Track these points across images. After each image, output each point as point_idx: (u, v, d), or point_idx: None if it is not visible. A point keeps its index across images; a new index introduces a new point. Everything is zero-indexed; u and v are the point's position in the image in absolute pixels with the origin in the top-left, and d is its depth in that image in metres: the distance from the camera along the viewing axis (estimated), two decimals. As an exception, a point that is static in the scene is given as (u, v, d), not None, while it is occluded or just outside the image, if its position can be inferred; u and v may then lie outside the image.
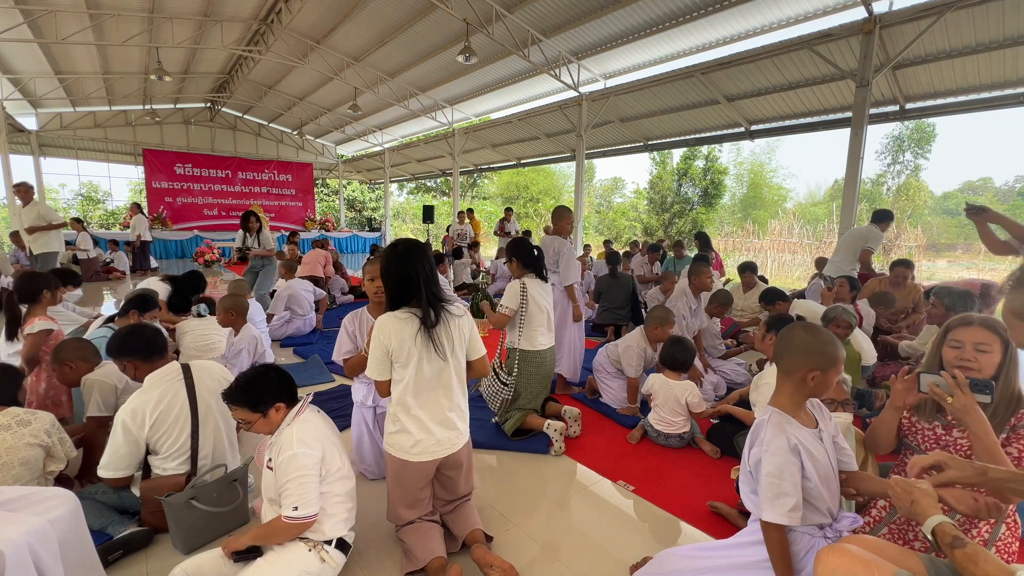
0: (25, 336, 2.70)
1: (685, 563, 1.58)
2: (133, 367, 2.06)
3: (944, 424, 1.63)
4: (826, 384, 1.42)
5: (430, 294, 1.74)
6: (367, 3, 8.48)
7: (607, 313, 5.52)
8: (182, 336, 3.52)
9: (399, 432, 1.78)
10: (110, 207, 20.94)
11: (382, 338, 1.71)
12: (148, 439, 1.94)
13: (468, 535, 1.89)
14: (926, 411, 1.69)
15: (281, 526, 1.57)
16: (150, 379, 2.00)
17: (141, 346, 2.05)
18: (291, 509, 1.54)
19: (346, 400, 3.55)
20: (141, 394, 1.95)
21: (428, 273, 1.75)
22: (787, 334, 1.49)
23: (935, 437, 1.65)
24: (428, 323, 1.72)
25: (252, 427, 1.66)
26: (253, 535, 1.62)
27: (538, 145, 13.15)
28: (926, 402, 1.67)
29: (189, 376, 2.07)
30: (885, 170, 21.92)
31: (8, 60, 10.47)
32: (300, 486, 1.55)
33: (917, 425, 1.71)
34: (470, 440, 1.96)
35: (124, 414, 1.90)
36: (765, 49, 6.78)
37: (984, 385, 1.40)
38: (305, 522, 1.57)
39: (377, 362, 1.74)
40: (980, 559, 0.97)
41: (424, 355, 1.73)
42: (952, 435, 1.61)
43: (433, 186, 27.38)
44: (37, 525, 1.34)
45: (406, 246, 1.78)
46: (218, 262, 12.82)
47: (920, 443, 1.69)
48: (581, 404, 3.56)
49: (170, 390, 1.99)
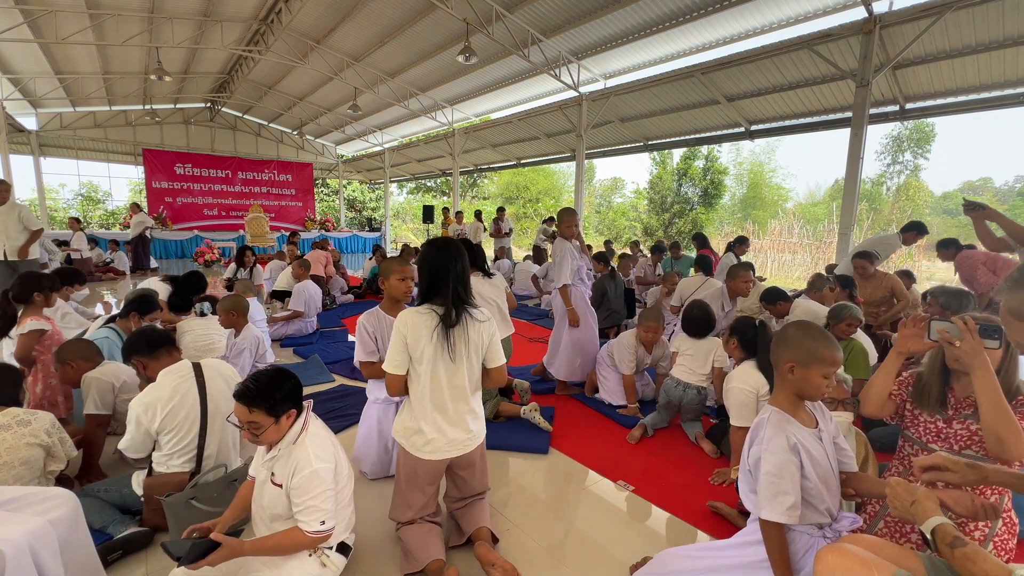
0: (17, 336, 2.70)
1: (685, 563, 1.58)
2: (142, 365, 2.11)
3: (945, 418, 1.63)
4: (807, 380, 1.40)
5: (456, 293, 1.76)
6: (367, 3, 8.48)
7: (611, 316, 5.34)
8: (182, 335, 3.52)
9: (413, 430, 1.80)
10: (110, 207, 20.93)
11: (402, 330, 1.74)
12: (156, 432, 1.96)
13: (474, 531, 1.90)
14: (930, 402, 1.66)
15: (302, 540, 1.53)
16: (163, 375, 2.01)
17: (144, 341, 2.11)
18: (318, 524, 1.52)
19: (346, 400, 3.56)
20: (155, 388, 1.97)
21: (459, 272, 1.78)
22: (782, 330, 1.52)
23: (936, 430, 1.65)
24: (448, 321, 1.73)
25: (262, 432, 1.55)
26: (259, 547, 1.52)
27: (538, 145, 13.15)
28: (930, 394, 1.65)
29: (200, 375, 2.07)
30: (885, 170, 21.95)
31: (8, 60, 10.48)
32: (325, 501, 1.54)
33: (920, 418, 1.70)
34: (484, 441, 1.96)
35: (138, 407, 1.92)
36: (765, 49, 6.78)
37: (993, 330, 1.39)
38: (328, 534, 1.56)
39: (396, 354, 1.75)
40: (979, 559, 0.97)
41: (439, 354, 1.74)
42: (952, 427, 1.61)
43: (433, 186, 27.38)
44: (37, 525, 1.35)
45: (444, 243, 1.83)
46: (218, 262, 12.81)
47: (921, 435, 1.68)
48: (581, 404, 3.56)
49: (182, 387, 1.99)
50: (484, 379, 1.91)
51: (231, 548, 1.47)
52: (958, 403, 1.62)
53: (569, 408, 3.50)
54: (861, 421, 3.16)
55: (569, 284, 3.65)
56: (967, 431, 1.58)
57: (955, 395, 1.64)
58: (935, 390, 1.65)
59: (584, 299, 3.81)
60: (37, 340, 2.72)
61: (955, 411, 1.62)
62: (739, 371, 2.43)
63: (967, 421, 1.58)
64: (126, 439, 1.98)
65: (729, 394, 2.41)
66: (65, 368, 2.38)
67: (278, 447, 1.61)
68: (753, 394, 2.35)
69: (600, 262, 5.48)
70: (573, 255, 3.69)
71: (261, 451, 1.67)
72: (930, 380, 1.67)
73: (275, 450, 1.61)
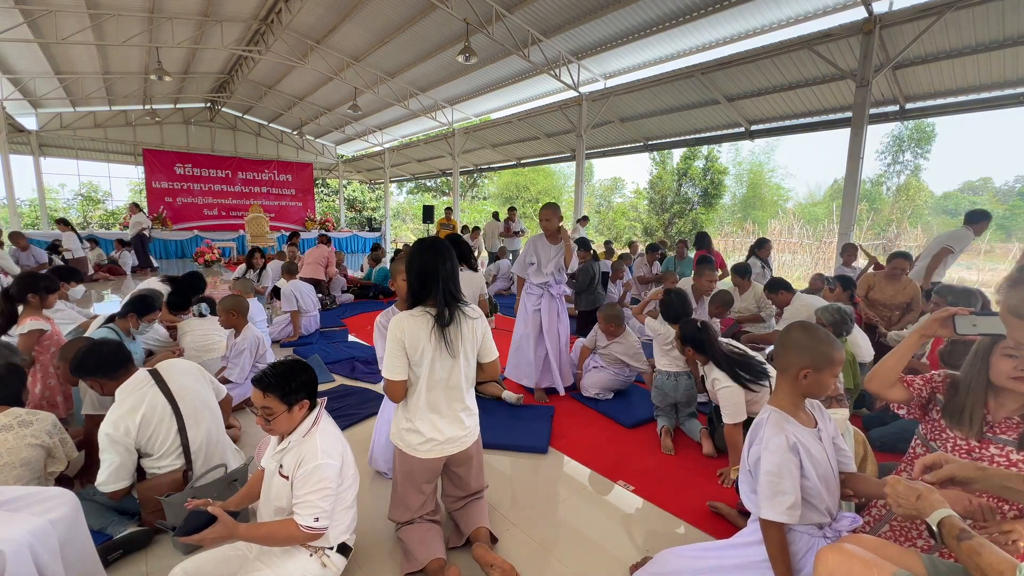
0: (16, 336, 2.71)
1: (685, 563, 1.58)
2: (99, 385, 2.05)
3: (980, 438, 1.43)
4: (821, 383, 1.41)
5: (447, 292, 1.77)
6: (367, 3, 8.48)
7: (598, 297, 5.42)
8: (183, 336, 3.52)
9: (409, 429, 1.81)
10: (110, 207, 20.93)
11: (398, 335, 1.73)
12: (138, 444, 1.94)
13: (473, 532, 1.91)
14: (966, 422, 1.44)
15: (295, 533, 1.53)
16: (120, 392, 1.98)
17: (100, 363, 2.02)
18: (312, 520, 1.52)
19: (346, 400, 3.56)
20: (117, 407, 1.94)
21: (448, 271, 1.78)
22: (785, 332, 1.50)
23: (967, 448, 1.45)
24: (442, 321, 1.74)
25: (274, 419, 1.57)
26: (252, 532, 1.55)
27: (538, 145, 13.15)
28: (966, 413, 1.45)
29: (159, 379, 2.06)
30: (885, 170, 21.93)
31: (8, 60, 10.48)
32: (323, 499, 1.54)
33: (948, 432, 1.51)
34: (479, 438, 1.97)
35: (107, 427, 1.89)
36: (765, 49, 6.78)
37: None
38: (320, 533, 1.56)
39: (394, 359, 1.74)
40: (984, 551, 0.97)
41: (437, 354, 1.76)
42: (988, 451, 1.41)
43: (433, 186, 27.39)
44: (37, 525, 1.35)
45: (432, 243, 1.82)
46: (218, 262, 12.81)
47: (948, 452, 1.49)
48: (581, 404, 3.56)
49: (145, 396, 1.98)
50: (478, 373, 1.93)
51: (226, 526, 1.48)
52: (996, 424, 1.42)
53: (569, 408, 3.50)
54: (861, 421, 3.17)
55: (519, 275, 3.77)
56: (1006, 460, 1.38)
57: (992, 413, 1.43)
58: (974, 410, 1.44)
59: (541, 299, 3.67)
60: (37, 340, 2.72)
61: (993, 432, 1.42)
62: (719, 372, 2.51)
63: (1007, 448, 1.38)
64: (103, 472, 1.87)
65: (719, 395, 2.48)
66: (67, 366, 2.38)
67: (288, 439, 1.62)
68: (741, 390, 2.45)
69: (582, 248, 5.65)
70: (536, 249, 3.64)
71: (273, 443, 1.69)
72: (968, 397, 1.46)
73: (286, 442, 1.62)
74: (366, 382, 3.99)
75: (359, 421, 3.23)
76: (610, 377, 3.61)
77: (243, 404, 3.28)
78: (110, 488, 1.90)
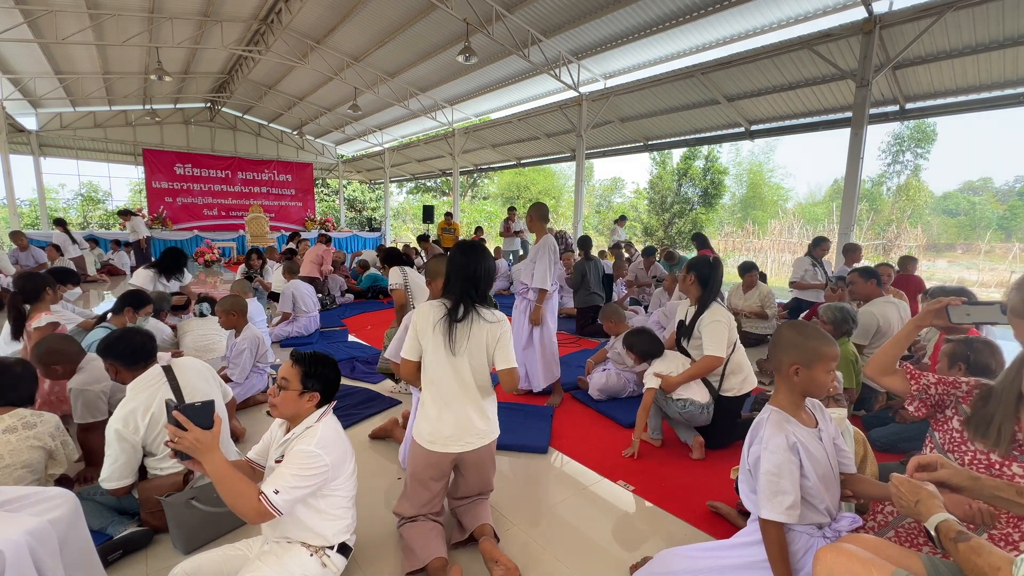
0: (33, 330, 2.73)
1: (685, 563, 1.58)
2: (115, 370, 2.07)
3: (1003, 454, 1.32)
4: (814, 380, 1.42)
5: (465, 290, 1.84)
6: (367, 3, 8.48)
7: (590, 296, 5.75)
8: (183, 335, 3.53)
9: (421, 419, 1.88)
10: (110, 207, 20.93)
11: (415, 319, 1.86)
12: (144, 441, 1.95)
13: (477, 528, 1.91)
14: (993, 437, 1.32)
15: (253, 497, 1.44)
16: (132, 387, 1.99)
17: (127, 351, 2.05)
18: (272, 490, 1.45)
19: (347, 400, 3.56)
20: (128, 402, 1.95)
21: (471, 272, 1.86)
22: (775, 332, 1.53)
23: (986, 463, 1.35)
24: (454, 315, 1.80)
25: (283, 397, 1.59)
26: (219, 469, 1.43)
27: (538, 145, 13.14)
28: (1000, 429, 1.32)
29: (172, 376, 2.07)
30: (885, 170, 21.93)
31: (8, 60, 10.47)
32: (296, 480, 1.48)
33: (968, 445, 1.40)
34: (494, 442, 1.95)
35: (116, 423, 1.89)
36: (765, 49, 6.78)
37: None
38: (270, 514, 1.45)
39: (409, 340, 1.87)
40: (983, 551, 0.97)
41: (439, 345, 1.80)
42: (1011, 469, 1.30)
43: (433, 186, 27.37)
44: (37, 525, 1.34)
45: (471, 245, 1.95)
46: (218, 262, 12.81)
47: (965, 465, 1.39)
48: (581, 404, 3.56)
49: (156, 394, 1.98)
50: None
51: (208, 444, 1.42)
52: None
53: (569, 408, 3.51)
54: (861, 421, 3.16)
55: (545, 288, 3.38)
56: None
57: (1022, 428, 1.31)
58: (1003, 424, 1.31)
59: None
60: (52, 333, 2.75)
61: (1021, 451, 1.30)
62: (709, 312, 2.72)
63: None
64: (107, 468, 1.89)
65: (708, 328, 2.68)
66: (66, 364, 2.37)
67: (293, 431, 1.63)
68: (726, 325, 2.68)
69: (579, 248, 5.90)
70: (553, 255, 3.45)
71: (279, 436, 1.70)
72: (999, 409, 1.33)
73: (290, 434, 1.64)
74: (366, 382, 3.99)
75: (359, 421, 3.23)
76: (612, 379, 3.59)
77: (244, 404, 3.28)
78: (113, 485, 1.90)
